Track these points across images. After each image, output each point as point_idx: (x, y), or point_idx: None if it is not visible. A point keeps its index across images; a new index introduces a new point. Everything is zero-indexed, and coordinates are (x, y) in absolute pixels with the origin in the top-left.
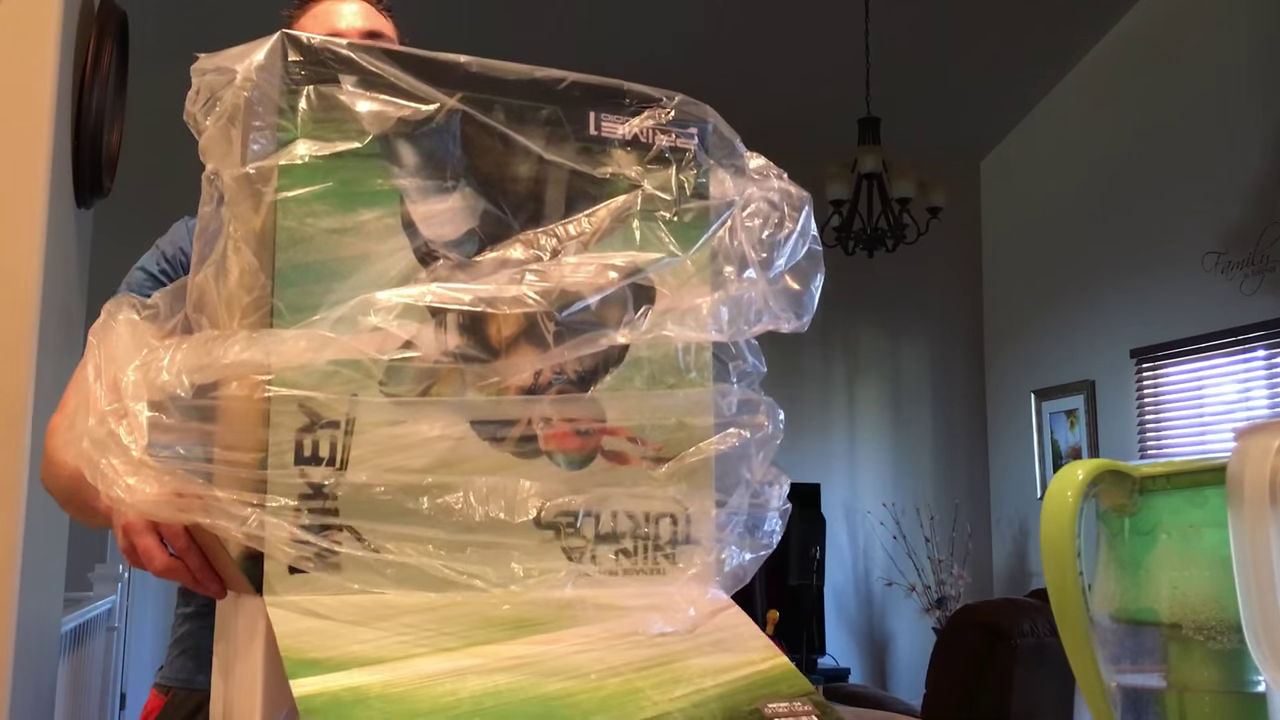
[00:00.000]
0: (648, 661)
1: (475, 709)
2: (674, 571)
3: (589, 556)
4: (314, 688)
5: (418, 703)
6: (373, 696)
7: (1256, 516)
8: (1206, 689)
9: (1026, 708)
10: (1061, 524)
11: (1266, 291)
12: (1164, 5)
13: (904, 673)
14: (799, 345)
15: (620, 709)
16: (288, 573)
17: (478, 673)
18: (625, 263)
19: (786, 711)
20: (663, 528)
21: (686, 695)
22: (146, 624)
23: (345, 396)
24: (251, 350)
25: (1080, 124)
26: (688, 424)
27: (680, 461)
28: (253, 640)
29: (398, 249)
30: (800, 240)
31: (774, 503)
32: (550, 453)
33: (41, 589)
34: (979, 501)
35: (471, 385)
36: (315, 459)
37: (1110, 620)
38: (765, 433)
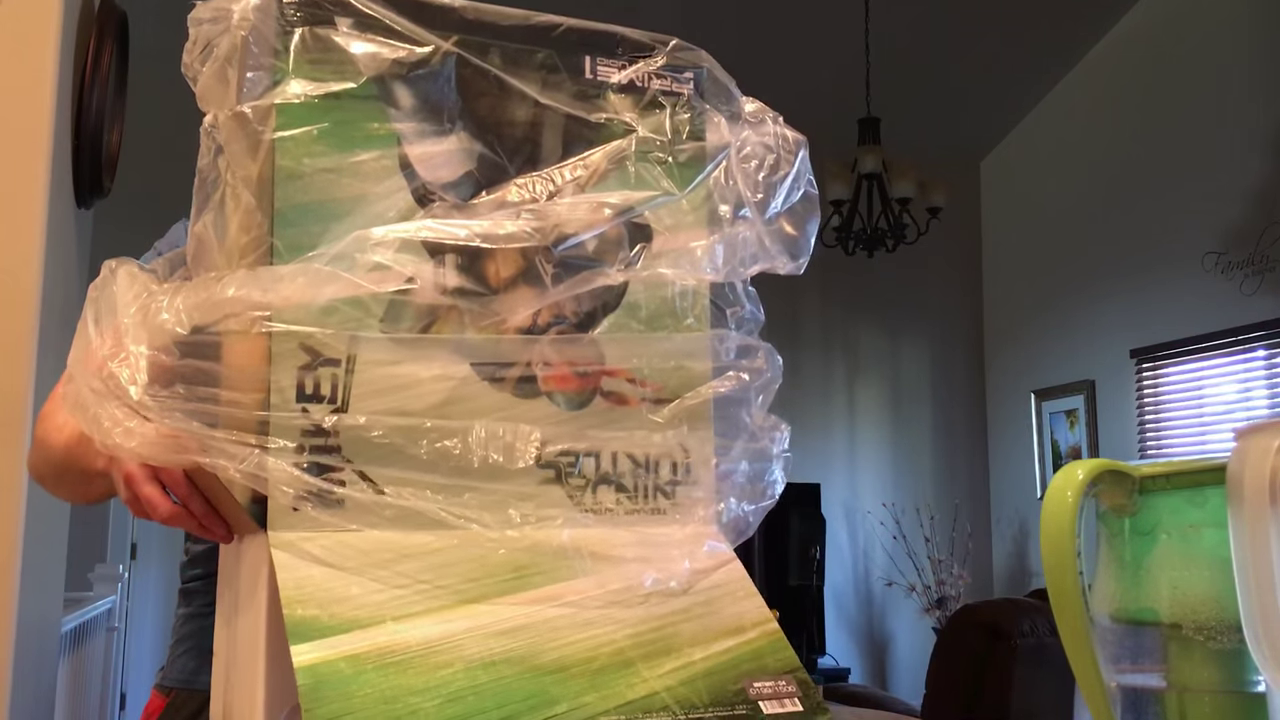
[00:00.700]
0: (641, 627)
1: (470, 685)
2: (673, 511)
3: (589, 496)
4: (313, 657)
5: (413, 676)
6: (370, 669)
7: (1256, 516)
8: (1206, 689)
9: (1026, 708)
10: (1061, 524)
11: (1266, 291)
12: (1164, 5)
13: (904, 673)
14: (799, 345)
15: (611, 687)
16: (290, 510)
17: (475, 637)
18: (620, 201)
19: (771, 693)
20: (662, 468)
21: (675, 671)
22: (146, 624)
23: (345, 334)
24: (250, 287)
25: (1080, 124)
26: (686, 368)
27: (680, 404)
28: (257, 580)
29: (395, 190)
30: (796, 183)
31: (775, 449)
32: (550, 393)
33: (41, 589)
34: (979, 501)
35: (471, 326)
36: (316, 397)
37: (1110, 620)
38: (765, 377)
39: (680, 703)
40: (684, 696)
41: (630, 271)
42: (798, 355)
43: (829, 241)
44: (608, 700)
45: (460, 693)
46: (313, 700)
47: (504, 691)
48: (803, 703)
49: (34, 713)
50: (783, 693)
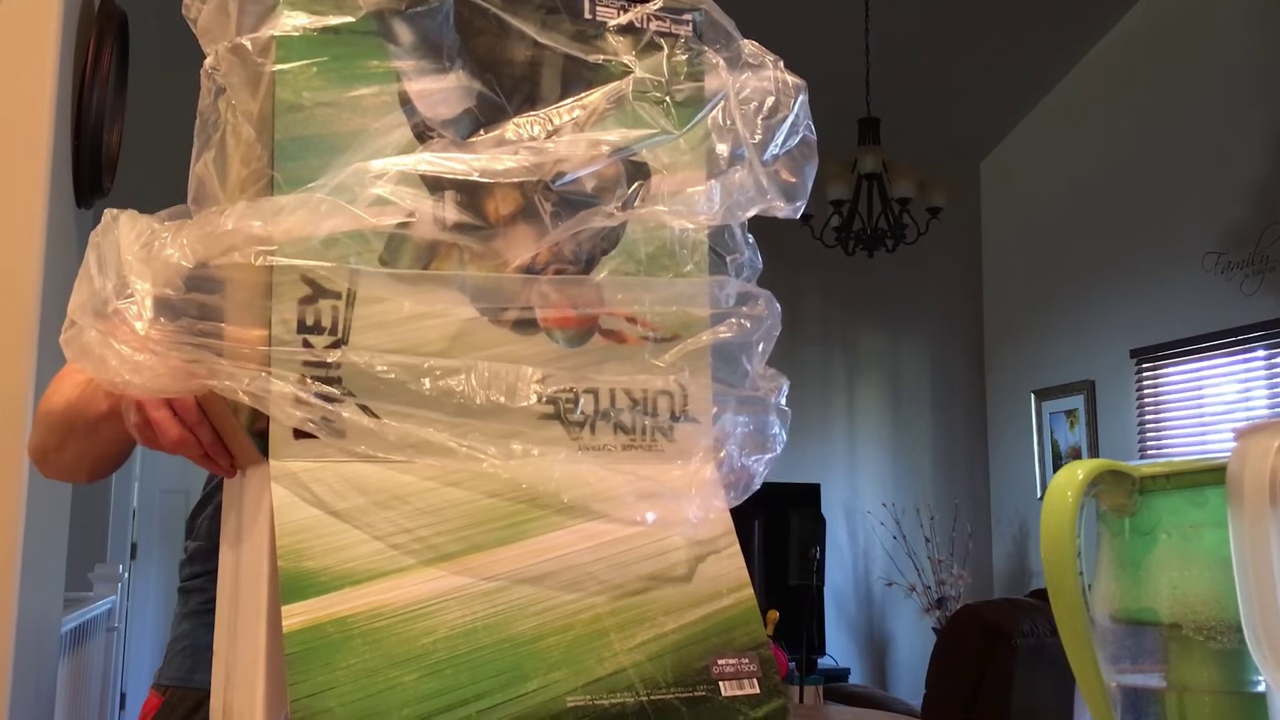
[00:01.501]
0: (621, 590)
1: (449, 655)
2: (672, 451)
3: (587, 434)
4: (302, 620)
5: (396, 645)
6: (355, 635)
7: (1256, 516)
8: (1206, 689)
9: (1026, 708)
10: (1061, 524)
11: (1266, 291)
12: (1164, 5)
13: (904, 673)
14: (799, 345)
15: (581, 661)
16: (293, 438)
17: (460, 600)
18: (618, 138)
19: (733, 672)
20: (661, 406)
21: (646, 644)
22: (146, 624)
23: (346, 268)
24: (251, 219)
25: (1080, 124)
26: (686, 313)
27: (680, 349)
28: (259, 509)
29: (395, 125)
30: (795, 127)
31: (774, 400)
32: (549, 330)
33: (41, 589)
34: (979, 501)
35: (470, 263)
36: (317, 328)
37: (1110, 620)
38: (765, 325)
39: (645, 681)
40: (649, 675)
41: (629, 211)
42: (798, 355)
43: (829, 241)
44: (577, 677)
45: (439, 665)
46: (299, 671)
47: (480, 665)
48: (761, 685)
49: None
50: (744, 672)
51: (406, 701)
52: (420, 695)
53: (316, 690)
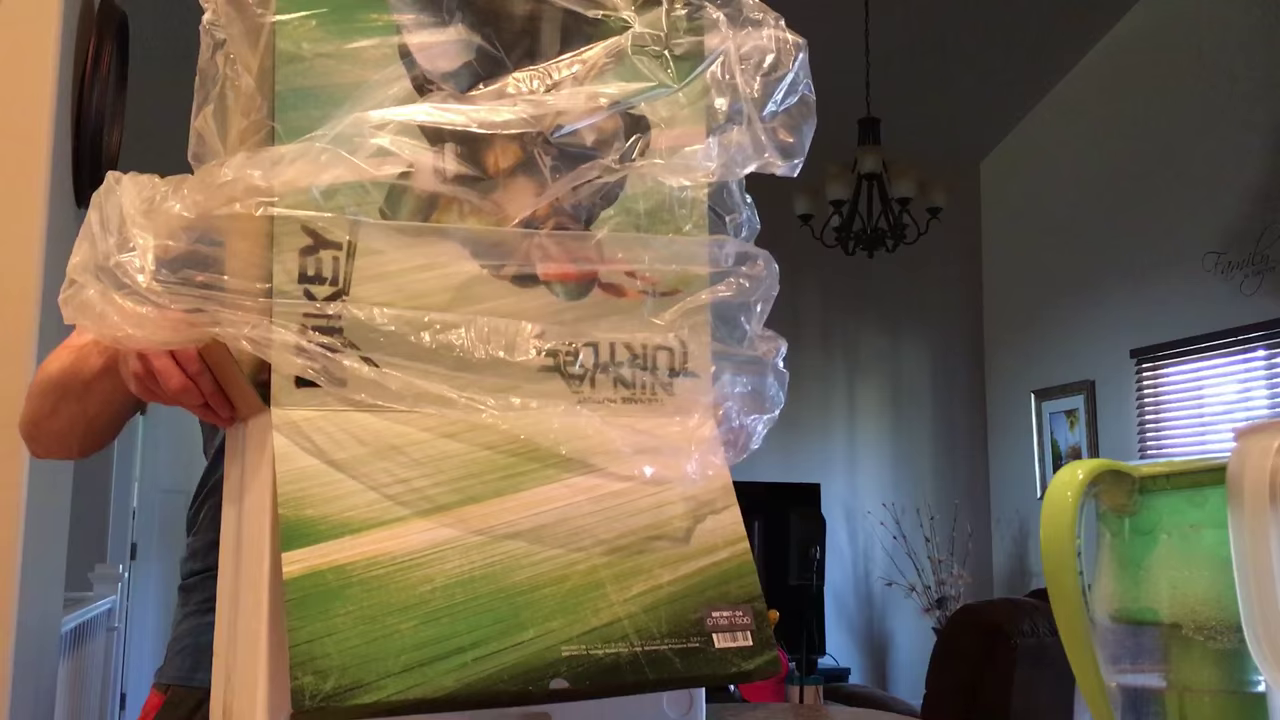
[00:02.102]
0: (619, 542)
1: (446, 604)
2: (671, 403)
3: (587, 387)
4: (302, 567)
5: (394, 593)
6: (354, 583)
7: (1256, 516)
8: (1206, 689)
9: (1026, 708)
10: (1061, 524)
11: (1266, 291)
12: (1164, 5)
13: (904, 673)
14: (799, 345)
15: (577, 612)
16: (294, 386)
17: (458, 549)
18: (617, 91)
19: (726, 624)
20: (660, 360)
21: (641, 596)
22: (147, 624)
23: (346, 218)
24: (251, 169)
25: (1080, 124)
26: (685, 271)
27: (679, 307)
28: (261, 458)
29: (395, 78)
30: (794, 85)
31: (773, 361)
32: (548, 283)
33: (41, 589)
34: (979, 501)
35: (470, 216)
36: (318, 279)
37: (1110, 620)
38: (764, 285)
39: (639, 632)
40: (644, 625)
41: (627, 164)
42: (798, 355)
43: (829, 242)
44: (572, 627)
45: (436, 613)
46: (298, 618)
47: (478, 614)
48: (754, 637)
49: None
50: (738, 624)
51: (404, 648)
52: (417, 642)
53: (315, 636)
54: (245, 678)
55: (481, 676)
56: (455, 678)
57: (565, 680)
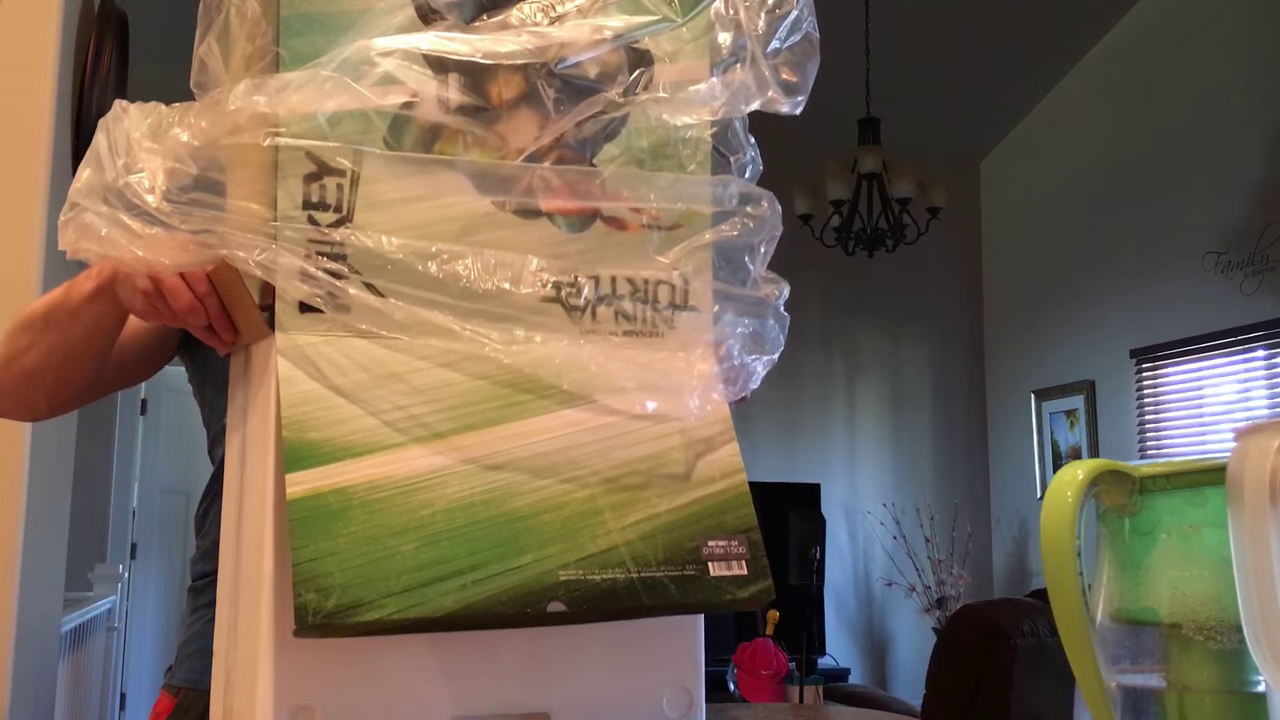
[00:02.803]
0: (617, 471)
1: (446, 528)
2: (673, 337)
3: (588, 318)
4: (305, 489)
5: (395, 516)
6: (355, 505)
7: (1256, 516)
8: (1206, 689)
9: (1026, 708)
10: (1061, 524)
11: (1266, 291)
12: (1164, 6)
13: (904, 673)
14: (799, 345)
15: (575, 538)
16: (298, 312)
17: (459, 475)
18: (621, 24)
19: (722, 553)
20: (662, 294)
21: (638, 524)
22: (147, 624)
23: (351, 147)
24: (256, 94)
25: (1080, 124)
26: (688, 210)
27: (682, 246)
28: (265, 382)
29: (399, 6)
30: (797, 22)
31: (775, 303)
32: (551, 215)
33: (41, 589)
34: (979, 501)
35: (473, 148)
36: (322, 205)
37: (1110, 620)
38: (767, 225)
39: (636, 559)
40: (640, 553)
41: (631, 99)
42: (798, 355)
43: (829, 241)
44: (570, 553)
45: (436, 536)
46: (300, 537)
47: (477, 538)
48: (749, 566)
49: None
50: (733, 554)
51: (404, 569)
52: (417, 564)
53: (318, 555)
54: (245, 678)
55: (480, 598)
56: (455, 599)
57: (562, 603)
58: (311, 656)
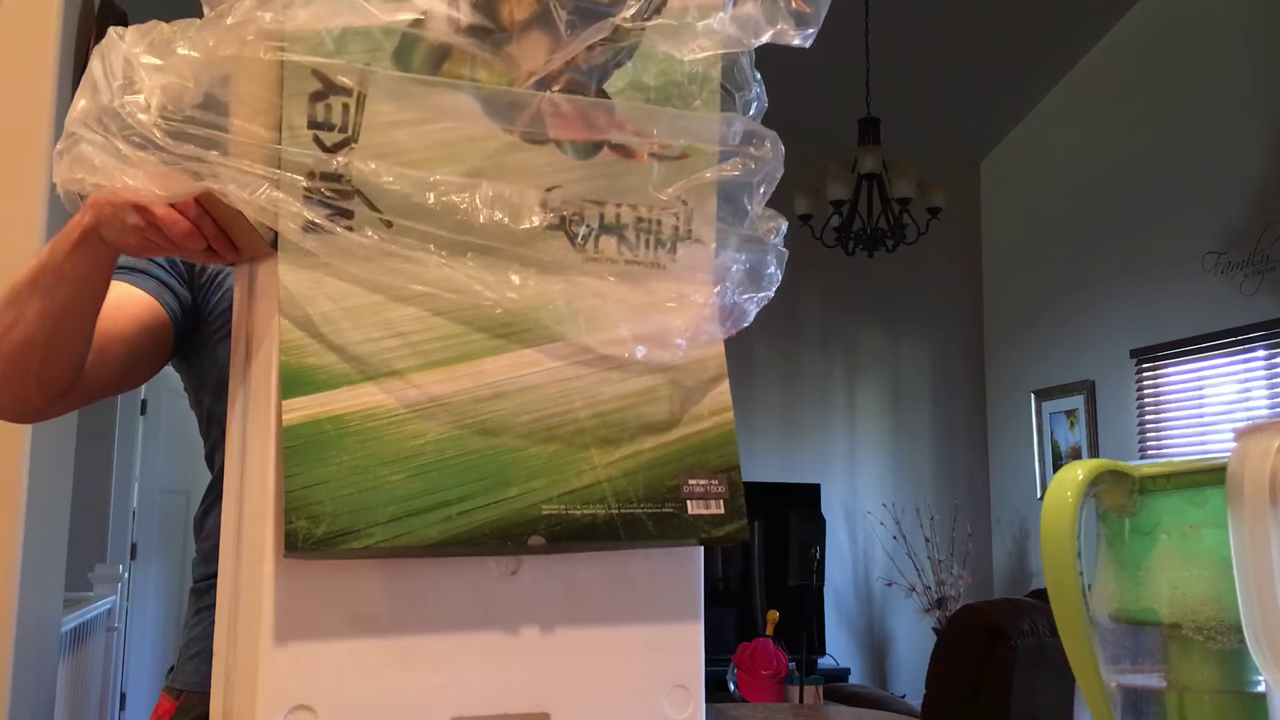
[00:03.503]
0: (606, 406)
1: (436, 459)
2: (674, 269)
3: (590, 245)
4: (301, 415)
5: (387, 446)
6: (350, 433)
7: (1256, 516)
8: (1206, 689)
9: (1026, 708)
10: (1061, 524)
11: (1266, 291)
12: (1164, 6)
13: (904, 673)
14: (799, 345)
15: (560, 473)
16: (301, 233)
17: (451, 407)
18: None
19: (702, 491)
20: (665, 224)
21: (623, 460)
22: (147, 624)
23: (358, 66)
24: (263, 8)
25: (1080, 124)
26: (693, 147)
27: (685, 183)
28: (269, 296)
29: None
30: None
31: (772, 241)
32: (558, 141)
33: (41, 589)
34: (979, 501)
35: (482, 69)
36: (327, 125)
37: (1110, 620)
38: (768, 166)
39: (618, 495)
40: (622, 489)
41: (641, 23)
42: (798, 355)
43: (829, 242)
44: (554, 487)
45: (426, 467)
46: (295, 464)
47: (465, 470)
48: (726, 506)
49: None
50: (712, 493)
51: (393, 499)
52: (407, 494)
53: (310, 483)
54: (245, 677)
55: (465, 529)
56: (440, 529)
57: (543, 537)
58: (311, 656)
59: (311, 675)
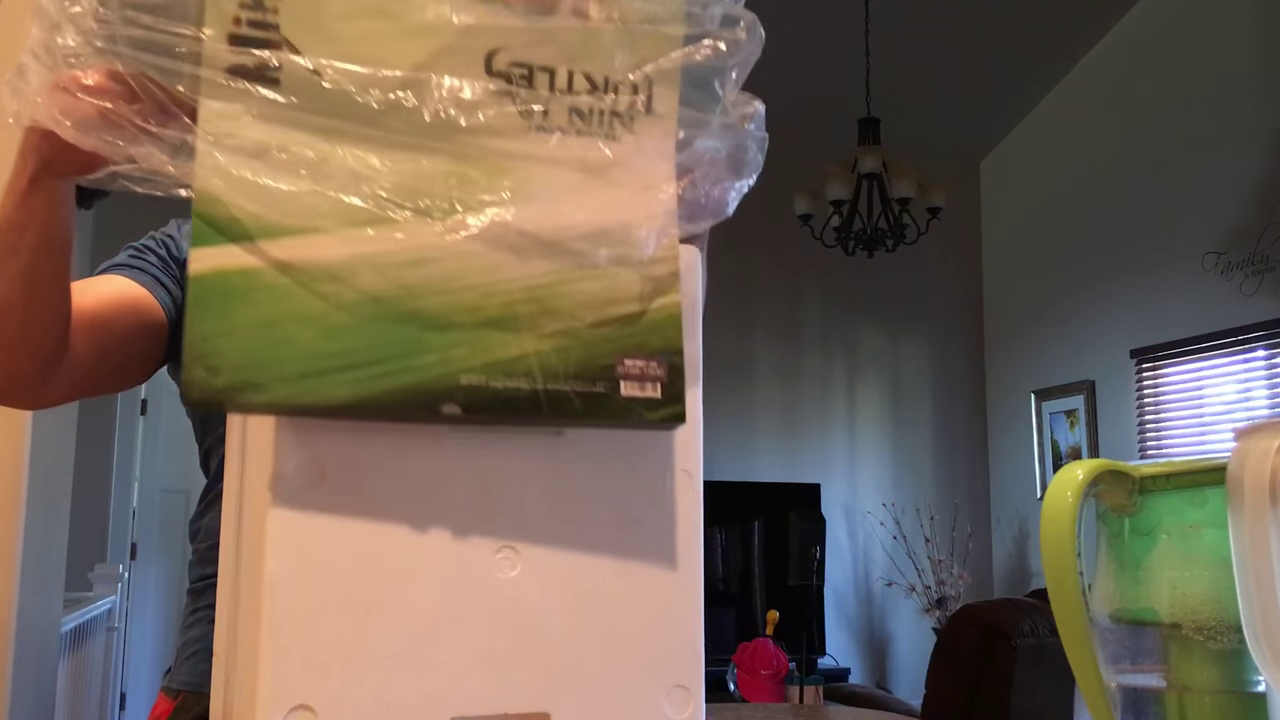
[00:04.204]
0: (543, 279)
1: (351, 320)
2: (630, 141)
3: (539, 115)
4: (208, 265)
5: (300, 303)
6: (261, 288)
7: (1256, 516)
8: (1206, 689)
9: (1026, 708)
10: (1061, 524)
11: (1266, 291)
12: (1164, 6)
13: (904, 673)
14: (799, 345)
15: (484, 343)
16: (225, 76)
17: (374, 268)
18: None
19: (638, 373)
20: (622, 94)
21: (555, 335)
22: (147, 624)
23: None
24: None
25: (1080, 124)
26: (660, 32)
27: (650, 66)
28: None
29: None
30: None
31: (750, 125)
32: (509, 4)
33: (41, 589)
34: (979, 501)
35: None
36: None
37: (1110, 620)
38: (744, 50)
39: (545, 370)
40: (551, 364)
41: None
42: (798, 355)
43: (829, 242)
44: (476, 357)
45: (340, 328)
46: (198, 314)
47: (382, 333)
48: (663, 390)
49: (34, 713)
50: (649, 375)
51: (300, 356)
52: (316, 352)
53: (213, 334)
54: (245, 677)
55: (375, 393)
56: (348, 391)
57: (458, 406)
58: (311, 656)
59: (311, 675)
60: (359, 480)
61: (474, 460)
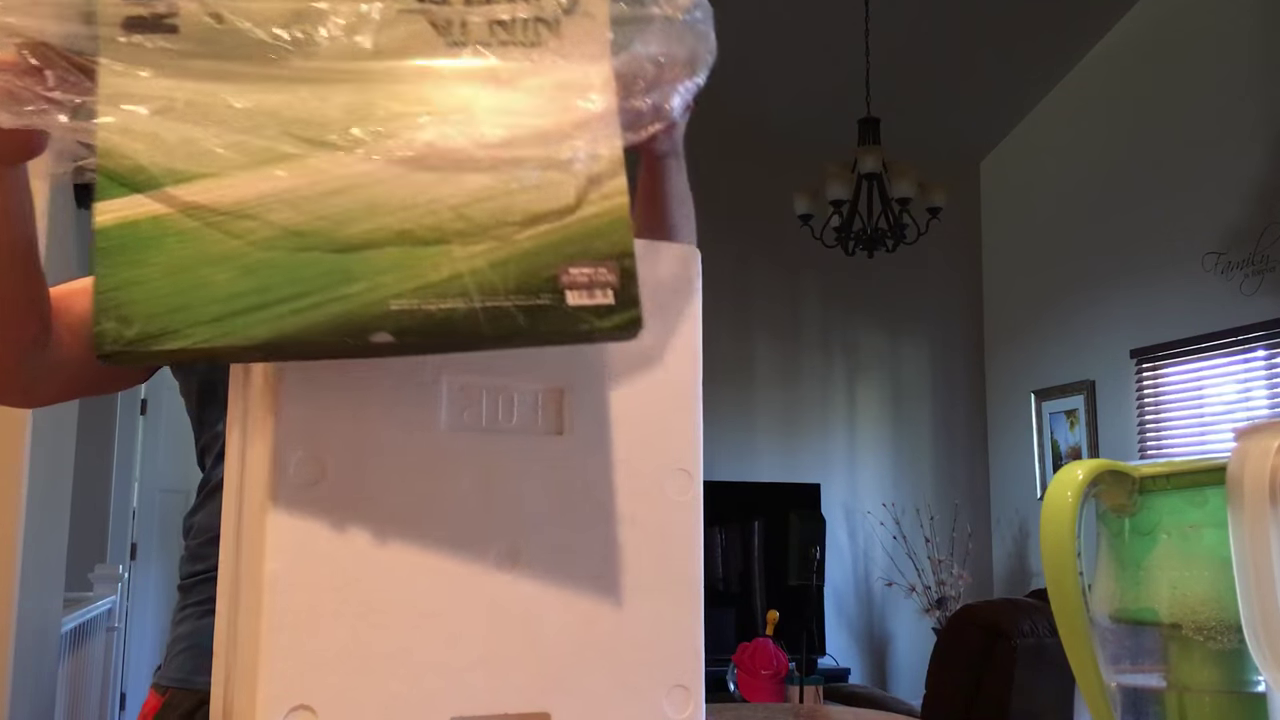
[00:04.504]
0: (471, 197)
1: (267, 256)
2: (556, 44)
3: (457, 29)
4: (114, 216)
5: (212, 244)
6: (171, 233)
7: (1256, 516)
8: (1206, 689)
9: (1026, 708)
10: (1061, 524)
11: (1266, 291)
12: (1164, 5)
13: (904, 673)
14: (799, 345)
15: (414, 267)
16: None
17: (288, 202)
18: None
19: (585, 281)
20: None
21: (489, 251)
22: (147, 624)
23: None
24: None
25: (1080, 124)
26: None
27: None
28: None
29: None
30: None
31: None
32: None
33: (41, 589)
34: (979, 501)
35: None
36: None
37: (1110, 620)
38: None
39: (482, 288)
40: (488, 281)
41: None
42: (798, 355)
43: (829, 242)
44: (406, 281)
45: (257, 265)
46: (106, 267)
47: (303, 266)
48: (616, 296)
49: (34, 713)
50: (599, 281)
51: (217, 298)
52: (232, 293)
53: (122, 284)
54: (245, 676)
55: (297, 328)
56: (269, 328)
57: (390, 334)
58: (311, 656)
59: (311, 675)
60: (359, 480)
61: (474, 460)
